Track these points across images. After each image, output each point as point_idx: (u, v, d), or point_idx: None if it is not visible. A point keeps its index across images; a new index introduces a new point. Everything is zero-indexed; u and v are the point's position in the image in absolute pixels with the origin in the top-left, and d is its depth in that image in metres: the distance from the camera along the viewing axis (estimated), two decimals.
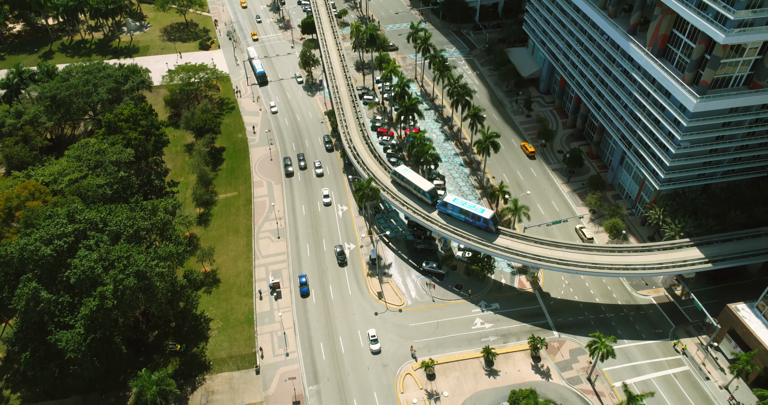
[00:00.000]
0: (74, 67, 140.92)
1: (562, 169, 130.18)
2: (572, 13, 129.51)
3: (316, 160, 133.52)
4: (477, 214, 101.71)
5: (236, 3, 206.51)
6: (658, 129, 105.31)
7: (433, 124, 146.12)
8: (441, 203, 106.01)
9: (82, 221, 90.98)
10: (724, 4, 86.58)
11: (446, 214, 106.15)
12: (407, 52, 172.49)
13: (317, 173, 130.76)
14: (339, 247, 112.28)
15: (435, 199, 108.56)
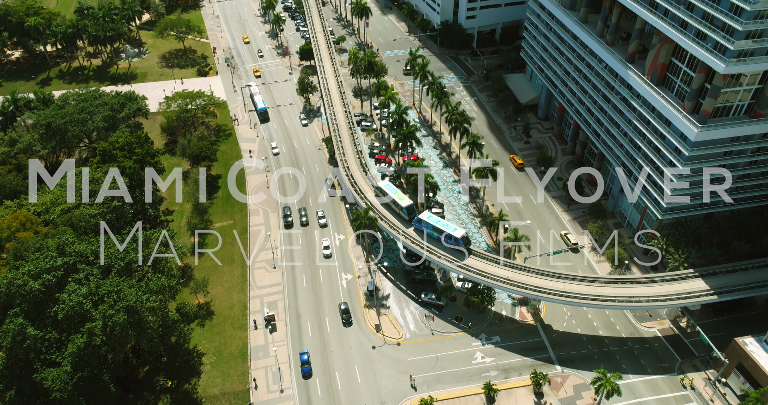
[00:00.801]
0: (70, 94, 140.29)
1: (561, 196, 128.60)
2: (569, 41, 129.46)
3: (318, 210, 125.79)
4: (449, 233, 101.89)
5: (235, 30, 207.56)
6: (659, 157, 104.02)
7: (431, 150, 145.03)
8: (416, 219, 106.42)
9: (72, 254, 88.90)
10: (723, 34, 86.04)
11: (421, 231, 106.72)
12: (405, 78, 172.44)
13: (321, 224, 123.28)
14: (344, 305, 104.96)
15: (412, 214, 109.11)
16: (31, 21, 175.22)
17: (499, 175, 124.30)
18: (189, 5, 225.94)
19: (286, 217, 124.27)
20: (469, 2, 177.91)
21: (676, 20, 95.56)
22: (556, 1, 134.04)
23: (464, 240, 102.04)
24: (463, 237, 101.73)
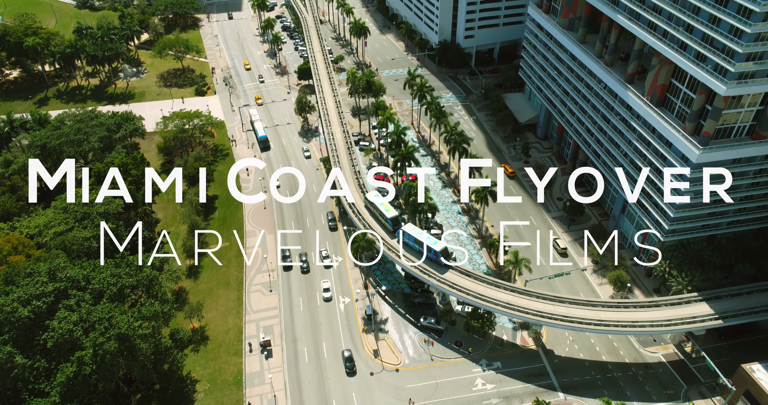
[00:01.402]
0: (66, 115, 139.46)
1: (562, 217, 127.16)
2: (568, 61, 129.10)
3: (323, 249, 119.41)
4: (429, 246, 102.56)
5: (234, 49, 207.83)
6: (660, 179, 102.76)
7: (430, 170, 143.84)
8: (400, 231, 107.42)
9: (63, 279, 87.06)
10: (723, 56, 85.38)
11: (404, 243, 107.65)
12: (404, 97, 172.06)
13: (325, 264, 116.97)
14: (348, 352, 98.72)
15: (396, 226, 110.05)
16: (29, 41, 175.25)
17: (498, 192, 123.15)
18: (188, 25, 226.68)
19: (285, 259, 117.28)
20: (467, 22, 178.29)
21: (676, 42, 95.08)
22: (554, 21, 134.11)
23: (443, 253, 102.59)
24: (442, 250, 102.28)
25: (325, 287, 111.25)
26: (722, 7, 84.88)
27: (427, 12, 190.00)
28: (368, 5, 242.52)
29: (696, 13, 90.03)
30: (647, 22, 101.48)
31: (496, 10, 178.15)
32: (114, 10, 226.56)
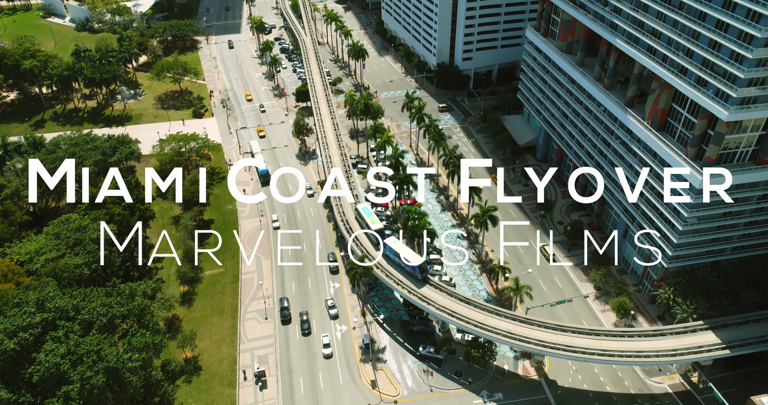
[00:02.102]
0: (62, 138, 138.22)
1: (563, 241, 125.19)
2: (567, 84, 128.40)
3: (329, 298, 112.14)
4: (408, 260, 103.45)
5: (232, 71, 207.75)
6: (662, 204, 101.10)
7: (428, 194, 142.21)
8: (384, 244, 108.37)
9: (52, 309, 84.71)
10: (725, 81, 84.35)
11: (385, 256, 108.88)
12: (402, 119, 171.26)
13: (330, 314, 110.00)
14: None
15: (383, 238, 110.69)
16: (26, 64, 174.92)
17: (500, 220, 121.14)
18: (187, 47, 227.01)
19: (283, 311, 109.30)
20: (465, 44, 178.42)
21: (676, 66, 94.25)
22: (552, 44, 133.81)
23: (420, 268, 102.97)
24: (419, 265, 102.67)
25: (324, 343, 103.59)
26: (722, 33, 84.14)
27: (425, 34, 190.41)
28: (366, 27, 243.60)
29: (696, 38, 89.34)
30: (646, 47, 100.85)
31: (494, 32, 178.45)
32: (113, 32, 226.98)
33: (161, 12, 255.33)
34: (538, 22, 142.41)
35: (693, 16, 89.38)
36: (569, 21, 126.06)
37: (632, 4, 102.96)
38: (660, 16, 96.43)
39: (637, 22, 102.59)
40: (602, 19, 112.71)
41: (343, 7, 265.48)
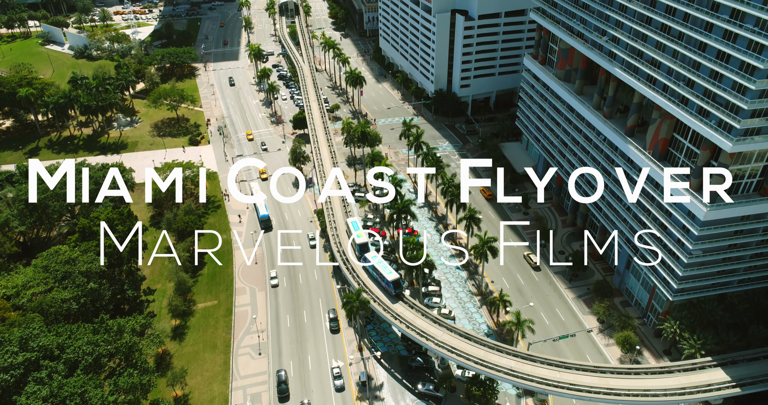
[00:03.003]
0: (54, 167, 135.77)
1: (564, 272, 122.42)
2: (566, 112, 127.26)
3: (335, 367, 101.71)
4: (383, 274, 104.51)
5: (230, 98, 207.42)
6: (665, 235, 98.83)
7: (427, 222, 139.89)
8: (364, 257, 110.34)
9: (35, 349, 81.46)
10: (727, 112, 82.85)
11: (365, 269, 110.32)
12: (400, 146, 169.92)
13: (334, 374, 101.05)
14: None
15: (364, 252, 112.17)
16: (22, 92, 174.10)
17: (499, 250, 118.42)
18: (185, 74, 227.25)
19: (280, 385, 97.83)
20: (462, 71, 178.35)
21: (676, 96, 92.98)
22: (550, 73, 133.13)
23: (394, 284, 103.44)
24: (394, 281, 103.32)
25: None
26: (723, 63, 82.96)
27: (422, 61, 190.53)
28: (364, 54, 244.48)
29: (696, 68, 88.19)
30: (646, 76, 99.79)
31: (491, 59, 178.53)
32: (111, 59, 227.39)
33: (160, 39, 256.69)
34: (535, 51, 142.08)
35: (693, 46, 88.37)
36: (567, 49, 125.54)
37: (630, 33, 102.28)
38: (659, 46, 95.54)
39: (636, 52, 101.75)
40: (600, 48, 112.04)
41: (341, 35, 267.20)
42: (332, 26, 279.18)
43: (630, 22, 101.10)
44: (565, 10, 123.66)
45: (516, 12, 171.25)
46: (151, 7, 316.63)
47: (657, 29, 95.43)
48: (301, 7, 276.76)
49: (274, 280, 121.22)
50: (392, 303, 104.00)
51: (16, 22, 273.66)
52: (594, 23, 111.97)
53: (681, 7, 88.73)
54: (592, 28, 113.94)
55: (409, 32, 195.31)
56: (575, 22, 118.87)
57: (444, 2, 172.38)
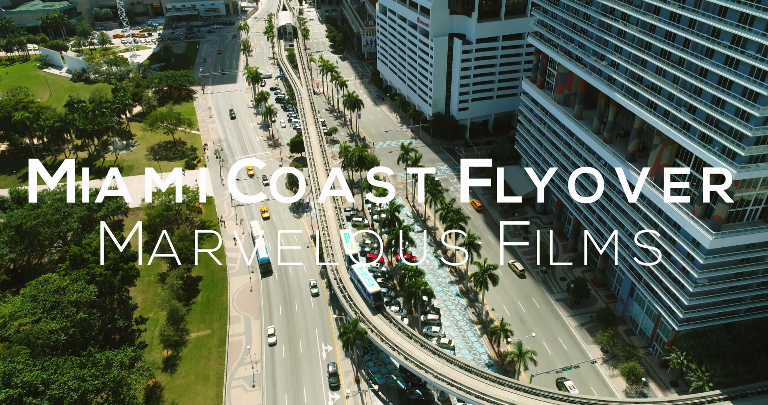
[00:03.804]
0: (47, 193, 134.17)
1: (566, 299, 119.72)
2: (565, 136, 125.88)
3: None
4: (365, 286, 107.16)
5: (227, 121, 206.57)
6: (669, 263, 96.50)
7: (425, 248, 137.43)
8: (351, 268, 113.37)
9: (18, 385, 78.34)
10: (731, 139, 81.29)
11: (352, 280, 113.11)
12: (398, 170, 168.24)
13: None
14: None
15: (353, 263, 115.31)
16: (17, 115, 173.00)
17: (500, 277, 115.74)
18: (182, 97, 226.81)
19: None
20: (461, 95, 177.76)
21: (678, 122, 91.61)
22: (549, 96, 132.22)
23: (374, 296, 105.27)
24: (374, 293, 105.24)
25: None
26: (725, 89, 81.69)
27: (420, 85, 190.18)
28: (362, 77, 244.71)
29: (698, 94, 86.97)
30: (646, 101, 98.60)
31: (489, 83, 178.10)
32: (109, 83, 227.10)
33: (158, 62, 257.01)
34: (533, 75, 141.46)
35: (694, 71, 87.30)
36: (565, 74, 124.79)
37: (630, 58, 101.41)
38: (659, 72, 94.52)
39: (636, 77, 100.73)
40: (599, 73, 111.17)
41: (339, 57, 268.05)
42: (330, 49, 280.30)
43: (629, 47, 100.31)
44: (562, 35, 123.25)
45: (514, 36, 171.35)
46: (150, 31, 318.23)
47: (657, 54, 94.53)
48: (299, 31, 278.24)
49: (271, 338, 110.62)
50: (376, 319, 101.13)
51: (15, 46, 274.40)
52: (592, 48, 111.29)
53: (681, 33, 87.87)
54: (590, 52, 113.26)
55: (407, 56, 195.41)
56: (573, 47, 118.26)
57: (442, 26, 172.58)
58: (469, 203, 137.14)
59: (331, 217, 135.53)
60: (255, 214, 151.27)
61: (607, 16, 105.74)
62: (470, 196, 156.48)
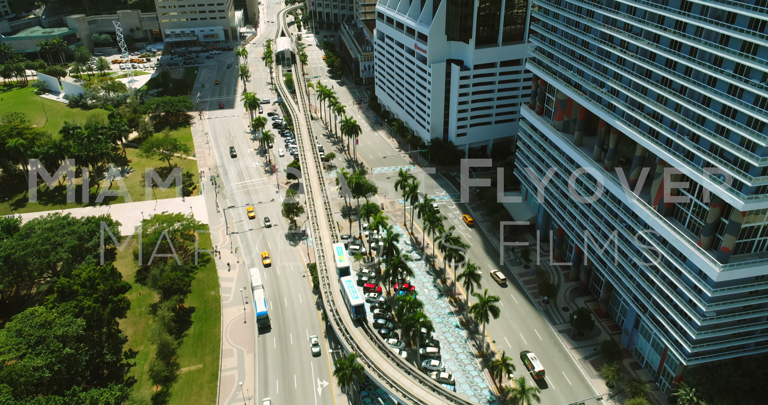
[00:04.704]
0: (37, 222, 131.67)
1: (569, 330, 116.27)
2: (565, 163, 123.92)
3: None
4: (348, 298, 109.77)
5: (223, 147, 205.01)
6: (676, 295, 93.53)
7: (424, 277, 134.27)
8: (340, 280, 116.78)
9: None
10: (737, 169, 79.15)
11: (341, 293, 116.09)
12: (396, 196, 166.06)
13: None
14: None
15: (343, 275, 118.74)
16: (11, 142, 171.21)
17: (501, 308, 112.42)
18: (179, 123, 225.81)
19: None
20: (459, 120, 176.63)
21: (681, 150, 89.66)
22: (548, 123, 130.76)
23: (356, 309, 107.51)
24: (356, 306, 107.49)
25: None
26: (730, 118, 79.91)
27: (418, 110, 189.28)
28: (360, 102, 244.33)
29: (701, 123, 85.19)
30: (648, 129, 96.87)
31: (487, 108, 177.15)
32: (106, 108, 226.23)
33: (156, 87, 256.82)
34: (532, 101, 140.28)
35: (696, 100, 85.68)
36: (564, 100, 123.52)
37: (630, 86, 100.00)
38: (660, 99, 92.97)
39: (637, 104, 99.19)
40: (599, 100, 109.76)
41: (337, 82, 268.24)
42: (329, 74, 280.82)
43: (629, 74, 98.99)
44: (561, 62, 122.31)
45: (512, 62, 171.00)
46: (149, 56, 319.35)
47: (657, 82, 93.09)
48: (297, 56, 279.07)
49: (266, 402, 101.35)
50: (373, 353, 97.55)
51: (13, 72, 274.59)
52: (592, 75, 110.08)
53: (682, 61, 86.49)
54: (589, 79, 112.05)
55: (405, 81, 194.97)
56: (572, 74, 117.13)
57: (439, 53, 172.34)
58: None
59: (327, 245, 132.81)
60: (255, 258, 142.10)
61: (606, 44, 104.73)
62: (462, 212, 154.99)
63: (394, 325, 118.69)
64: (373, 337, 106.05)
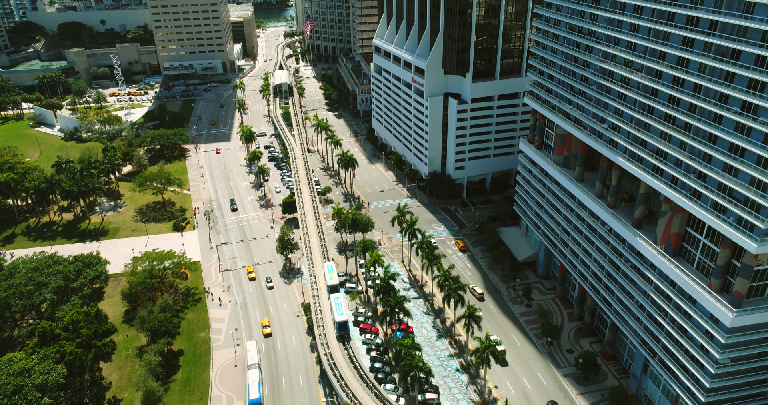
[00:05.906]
0: (22, 261, 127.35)
1: (574, 374, 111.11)
2: (566, 199, 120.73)
3: None
4: (334, 314, 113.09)
5: (218, 180, 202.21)
6: (686, 339, 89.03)
7: (423, 317, 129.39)
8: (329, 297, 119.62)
9: None
10: (747, 209, 75.80)
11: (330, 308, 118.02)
12: (393, 231, 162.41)
13: None
14: None
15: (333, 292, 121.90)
16: (1, 177, 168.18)
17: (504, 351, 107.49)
18: (174, 156, 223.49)
19: None
20: (457, 154, 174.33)
21: (687, 189, 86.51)
22: (548, 158, 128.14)
23: (339, 326, 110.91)
24: (339, 322, 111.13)
25: None
26: (738, 157, 76.96)
27: (416, 143, 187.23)
28: (357, 135, 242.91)
29: (708, 161, 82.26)
30: (651, 166, 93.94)
31: (485, 141, 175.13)
32: (101, 142, 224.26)
33: (153, 120, 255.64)
34: (531, 135, 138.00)
35: (702, 137, 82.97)
36: (564, 135, 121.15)
37: (632, 122, 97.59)
38: (664, 136, 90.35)
39: (639, 141, 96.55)
40: (600, 136, 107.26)
41: (334, 115, 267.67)
42: (326, 107, 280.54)
43: (631, 110, 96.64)
44: (560, 96, 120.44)
45: (509, 95, 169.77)
46: (147, 89, 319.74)
47: (661, 118, 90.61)
48: (295, 89, 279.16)
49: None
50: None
51: (9, 105, 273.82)
52: (592, 110, 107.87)
53: (685, 98, 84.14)
54: (590, 115, 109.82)
55: (402, 114, 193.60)
56: (572, 109, 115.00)
57: (436, 86, 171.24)
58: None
59: (322, 285, 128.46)
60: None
61: (607, 79, 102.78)
62: (454, 237, 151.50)
63: (392, 368, 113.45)
64: (369, 384, 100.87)
